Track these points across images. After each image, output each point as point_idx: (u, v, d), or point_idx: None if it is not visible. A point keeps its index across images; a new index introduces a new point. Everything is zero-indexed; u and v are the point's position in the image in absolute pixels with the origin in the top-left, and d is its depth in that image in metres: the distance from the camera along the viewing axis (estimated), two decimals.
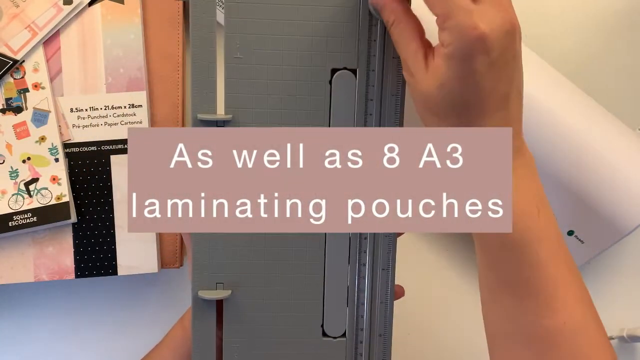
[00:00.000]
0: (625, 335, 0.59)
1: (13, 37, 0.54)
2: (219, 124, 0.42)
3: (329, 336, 0.45)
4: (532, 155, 0.40)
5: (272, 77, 0.42)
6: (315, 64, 0.42)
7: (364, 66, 0.42)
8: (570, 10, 0.62)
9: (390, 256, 0.44)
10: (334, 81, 0.42)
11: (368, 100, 0.42)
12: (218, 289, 0.43)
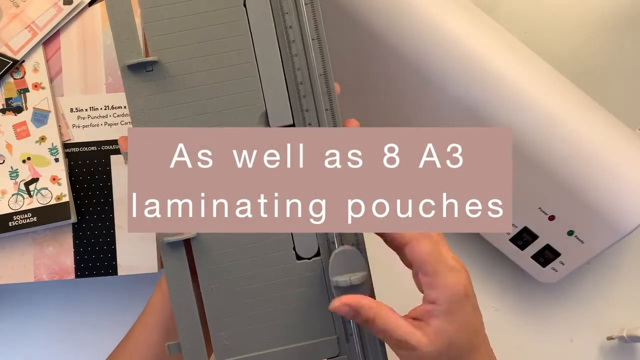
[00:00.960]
0: (625, 335, 0.59)
1: (13, 37, 0.54)
2: (147, 67, 0.43)
3: (303, 258, 0.44)
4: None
5: (187, 12, 0.43)
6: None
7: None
8: (571, 10, 0.62)
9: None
10: (248, 3, 0.43)
11: (284, 14, 0.43)
12: (184, 233, 0.43)
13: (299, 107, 0.43)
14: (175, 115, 0.43)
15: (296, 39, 0.43)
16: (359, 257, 0.43)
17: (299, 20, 0.43)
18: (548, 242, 0.55)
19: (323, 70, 0.43)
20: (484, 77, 0.51)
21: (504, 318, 0.62)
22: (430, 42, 0.51)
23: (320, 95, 0.43)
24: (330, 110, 0.43)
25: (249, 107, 0.43)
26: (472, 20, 0.53)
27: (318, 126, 0.43)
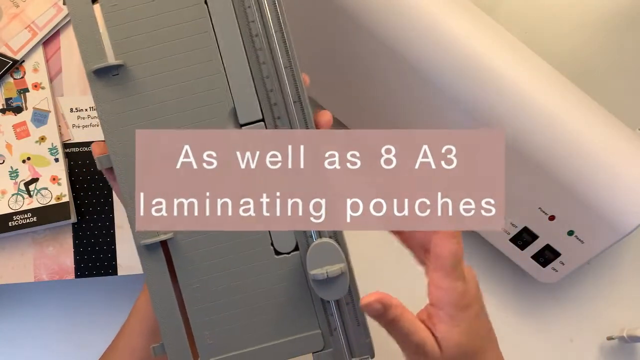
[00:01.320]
0: (625, 335, 0.59)
1: (13, 37, 0.54)
2: (113, 71, 0.42)
3: (282, 253, 0.44)
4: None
5: (150, 14, 0.42)
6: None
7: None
8: (571, 10, 0.62)
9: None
10: (209, 1, 0.42)
11: (246, 8, 0.42)
12: (160, 235, 0.43)
13: (267, 101, 0.43)
14: (145, 118, 0.43)
15: (259, 32, 0.42)
16: (336, 250, 0.43)
17: (261, 14, 0.42)
18: (548, 242, 0.55)
19: (289, 63, 0.42)
20: (484, 77, 0.51)
21: (504, 318, 0.62)
22: (429, 42, 0.51)
23: (288, 88, 0.42)
24: (299, 102, 0.43)
25: (217, 104, 0.43)
26: (472, 20, 0.53)
27: (287, 119, 0.43)
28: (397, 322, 0.40)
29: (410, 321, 0.41)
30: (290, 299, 0.45)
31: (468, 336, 0.41)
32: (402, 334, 0.41)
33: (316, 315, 0.45)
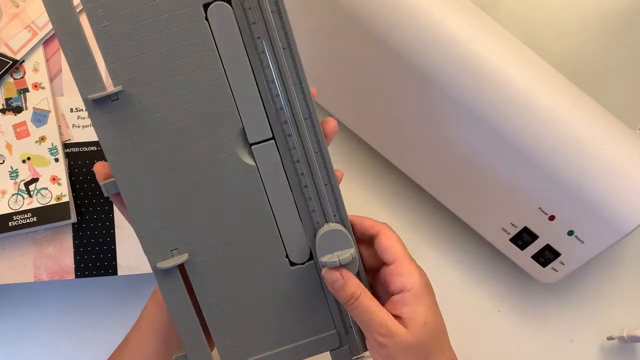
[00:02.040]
0: (625, 335, 0.59)
1: (13, 37, 0.54)
2: (112, 98, 0.40)
3: (297, 264, 0.45)
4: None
5: (147, 34, 0.39)
6: (184, 5, 0.39)
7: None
8: (571, 10, 0.62)
9: (328, 169, 0.43)
10: (210, 17, 0.39)
11: (250, 24, 0.40)
12: (175, 256, 0.43)
13: (277, 120, 0.42)
14: (150, 143, 0.41)
15: (266, 49, 0.40)
16: (345, 235, 0.43)
17: (267, 30, 0.40)
18: (548, 242, 0.55)
19: (297, 79, 0.41)
20: (483, 77, 0.51)
21: (503, 318, 0.62)
22: (429, 42, 0.51)
23: (298, 105, 0.41)
24: (310, 120, 0.42)
25: (225, 125, 0.41)
26: (472, 20, 0.53)
27: (298, 137, 0.42)
28: (358, 301, 0.42)
29: (371, 300, 0.42)
30: (306, 306, 0.45)
31: (433, 315, 0.42)
32: (362, 312, 0.42)
33: (332, 316, 0.46)
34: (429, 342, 0.42)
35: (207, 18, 0.39)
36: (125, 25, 0.39)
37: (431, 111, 0.54)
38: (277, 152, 0.42)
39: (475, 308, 0.62)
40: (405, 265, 0.43)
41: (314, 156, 0.42)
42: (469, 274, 0.63)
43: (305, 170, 0.43)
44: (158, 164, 0.41)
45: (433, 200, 0.60)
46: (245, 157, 0.42)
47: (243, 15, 0.40)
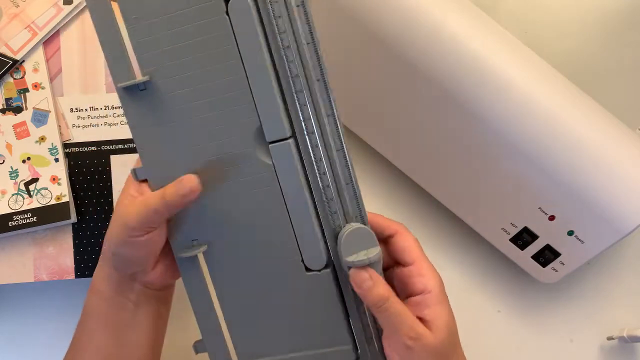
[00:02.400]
0: (625, 335, 0.59)
1: (13, 37, 0.54)
2: (141, 87, 0.42)
3: (313, 270, 0.44)
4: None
5: (172, 27, 0.40)
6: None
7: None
8: (571, 10, 0.62)
9: (350, 168, 0.42)
10: (230, 11, 0.39)
11: (276, 18, 0.39)
12: (194, 246, 0.44)
13: (298, 117, 0.41)
14: (174, 133, 0.42)
15: (290, 44, 0.40)
16: (370, 234, 0.42)
17: (291, 24, 0.39)
18: (548, 242, 0.55)
19: (321, 75, 0.40)
20: (483, 77, 0.51)
21: (503, 318, 0.62)
22: (428, 42, 0.51)
23: (320, 102, 0.40)
24: (332, 116, 0.41)
25: (244, 122, 0.41)
26: (472, 20, 0.53)
27: (320, 135, 0.41)
28: (387, 301, 0.41)
29: (399, 302, 0.41)
30: (321, 315, 0.45)
31: (453, 317, 0.43)
32: (392, 314, 0.41)
33: (348, 330, 0.45)
34: (450, 344, 0.42)
35: (227, 12, 0.40)
36: (153, 18, 0.40)
37: (429, 110, 0.54)
38: (297, 152, 0.42)
39: (475, 308, 0.62)
40: (424, 266, 0.43)
41: (336, 154, 0.41)
42: (469, 274, 0.63)
43: (327, 169, 0.42)
44: (180, 153, 0.42)
45: (433, 200, 0.60)
46: (263, 156, 0.42)
47: (266, 9, 0.39)
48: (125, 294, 0.45)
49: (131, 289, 0.45)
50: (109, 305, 0.46)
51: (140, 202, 0.42)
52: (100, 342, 0.47)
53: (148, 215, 0.42)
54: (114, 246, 0.43)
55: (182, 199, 0.41)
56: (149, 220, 0.42)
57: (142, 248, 0.43)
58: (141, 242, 0.42)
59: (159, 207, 0.42)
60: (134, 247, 0.43)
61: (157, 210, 0.42)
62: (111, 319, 0.46)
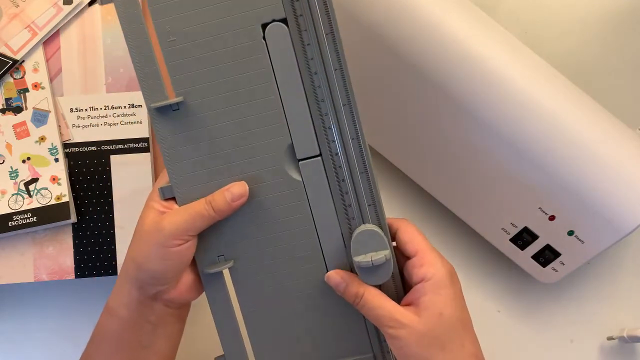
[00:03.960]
0: (625, 335, 0.59)
1: (13, 37, 0.54)
2: (174, 107, 0.43)
3: None
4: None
5: (209, 50, 0.42)
6: (244, 25, 0.42)
7: (291, 13, 0.42)
8: (571, 10, 0.62)
9: (373, 190, 0.44)
10: (267, 36, 0.42)
11: (305, 45, 0.42)
12: (220, 262, 0.45)
13: (325, 138, 0.43)
14: (205, 152, 0.43)
15: (318, 70, 0.42)
16: (380, 236, 0.43)
17: (320, 52, 0.42)
18: (548, 242, 0.55)
19: (347, 100, 0.42)
20: (483, 77, 0.51)
21: (503, 318, 0.62)
22: (428, 42, 0.51)
23: (346, 125, 0.43)
24: (357, 140, 0.43)
25: (275, 139, 0.43)
26: (472, 20, 0.53)
27: (345, 155, 0.43)
28: (363, 299, 0.43)
29: (377, 295, 0.43)
30: (344, 325, 0.46)
31: (453, 307, 0.42)
32: (370, 308, 0.42)
33: (369, 339, 0.46)
34: (444, 333, 0.41)
35: (264, 37, 0.42)
36: (190, 40, 0.42)
37: (429, 110, 0.54)
38: (324, 169, 0.44)
39: (475, 308, 0.62)
40: (427, 255, 0.43)
41: (360, 175, 0.44)
42: (469, 274, 0.63)
43: (350, 188, 0.44)
44: (210, 172, 0.44)
45: (433, 200, 0.60)
46: (292, 172, 0.44)
47: (298, 36, 0.42)
48: (146, 316, 0.45)
49: (152, 309, 0.45)
50: (126, 328, 0.45)
51: (180, 210, 0.43)
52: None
53: (193, 220, 0.42)
54: (143, 261, 0.43)
55: (232, 203, 0.43)
56: (191, 227, 0.43)
57: (173, 260, 0.43)
58: (174, 253, 0.42)
59: (204, 212, 0.42)
60: (165, 259, 0.43)
61: (202, 215, 0.43)
62: (127, 342, 0.46)
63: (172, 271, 0.43)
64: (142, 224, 0.44)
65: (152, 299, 0.45)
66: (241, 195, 0.43)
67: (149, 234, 0.43)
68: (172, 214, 0.43)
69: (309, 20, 0.41)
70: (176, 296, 0.45)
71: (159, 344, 0.46)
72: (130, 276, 0.44)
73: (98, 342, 0.47)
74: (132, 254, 0.44)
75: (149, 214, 0.44)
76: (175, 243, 0.42)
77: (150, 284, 0.44)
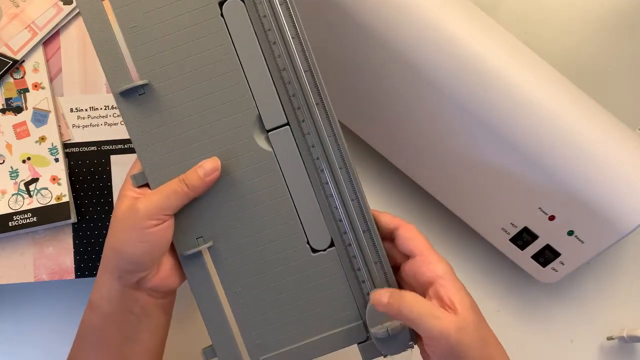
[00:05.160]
0: (625, 335, 0.59)
1: (13, 37, 0.54)
2: (140, 92, 0.43)
3: (319, 250, 0.46)
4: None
5: (169, 32, 0.43)
6: (202, 4, 0.43)
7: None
8: (571, 10, 0.62)
9: (343, 153, 0.44)
10: (225, 13, 0.43)
11: (262, 17, 0.43)
12: (200, 244, 0.45)
13: (291, 106, 0.44)
14: (174, 133, 0.44)
15: (277, 39, 0.43)
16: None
17: (277, 22, 0.43)
18: (548, 242, 0.55)
19: (308, 67, 0.43)
20: (483, 77, 0.51)
21: (503, 318, 0.62)
22: (428, 42, 0.51)
23: (310, 92, 0.43)
24: (322, 105, 0.44)
25: (242, 113, 0.44)
26: (472, 20, 0.53)
27: (312, 121, 0.44)
28: (403, 301, 0.42)
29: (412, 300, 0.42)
30: (330, 294, 0.46)
31: (471, 298, 0.43)
32: (409, 312, 0.41)
33: (357, 307, 0.46)
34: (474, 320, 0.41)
35: (222, 15, 0.43)
36: (150, 25, 0.43)
37: (429, 110, 0.54)
38: (293, 137, 0.44)
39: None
40: (431, 253, 0.43)
41: (328, 140, 0.44)
42: (469, 274, 0.63)
43: (320, 154, 0.44)
44: (181, 153, 0.44)
45: (432, 199, 0.60)
46: (263, 143, 0.45)
47: (254, 9, 0.43)
48: (129, 307, 0.44)
49: (135, 300, 0.44)
50: (109, 322, 0.45)
51: (154, 191, 0.43)
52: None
53: (168, 198, 0.42)
54: (121, 246, 0.43)
55: (205, 179, 0.43)
56: (166, 205, 0.42)
57: (151, 242, 0.42)
58: (151, 234, 0.42)
59: (179, 189, 0.42)
60: (142, 241, 0.42)
61: (176, 192, 0.42)
62: (111, 336, 0.45)
63: (150, 254, 0.43)
64: (116, 211, 0.44)
65: (134, 289, 0.44)
66: (214, 169, 0.43)
67: (124, 219, 0.43)
68: (147, 196, 0.43)
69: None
70: (158, 283, 0.44)
71: (144, 337, 0.46)
72: (110, 266, 0.44)
73: (82, 338, 0.47)
74: (109, 242, 0.44)
75: (123, 202, 0.44)
76: (152, 224, 0.42)
77: (129, 270, 0.43)
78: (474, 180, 0.55)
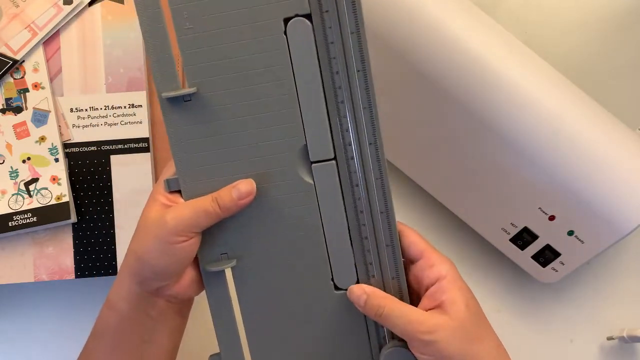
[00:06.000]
0: (625, 335, 0.59)
1: (13, 37, 0.54)
2: (186, 98, 0.41)
3: (341, 289, 0.44)
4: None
5: (227, 41, 0.40)
6: (266, 18, 0.40)
7: (317, 8, 0.40)
8: (571, 10, 0.62)
9: (387, 197, 0.43)
10: (289, 31, 0.40)
11: (329, 43, 0.40)
12: (223, 260, 0.44)
13: (341, 141, 0.42)
14: (214, 146, 0.42)
15: (340, 70, 0.40)
16: (407, 354, 0.42)
17: (344, 51, 0.40)
18: (548, 242, 0.55)
19: (368, 104, 0.41)
20: (483, 77, 0.51)
21: (504, 318, 0.62)
22: (429, 42, 0.51)
23: (364, 130, 0.41)
24: (374, 145, 0.41)
25: (288, 139, 0.42)
26: (472, 20, 0.53)
27: (361, 160, 0.42)
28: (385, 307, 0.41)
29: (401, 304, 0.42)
30: (346, 335, 0.45)
31: (472, 299, 0.42)
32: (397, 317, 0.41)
33: (371, 351, 0.45)
34: (475, 324, 0.41)
35: (285, 32, 0.40)
36: (208, 30, 0.40)
37: (427, 109, 0.54)
38: (337, 173, 0.42)
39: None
40: (434, 255, 0.43)
41: (374, 182, 0.42)
42: (469, 273, 0.62)
43: (363, 195, 0.42)
44: (218, 168, 0.42)
45: (432, 199, 0.60)
46: (304, 175, 0.43)
47: (322, 33, 0.40)
48: (147, 311, 0.44)
49: (153, 304, 0.44)
50: (126, 322, 0.44)
51: (185, 205, 0.42)
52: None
53: (198, 217, 0.41)
54: (145, 255, 0.42)
55: (238, 201, 0.41)
56: (196, 224, 0.41)
57: (176, 257, 0.42)
58: (176, 250, 0.41)
59: (210, 209, 0.41)
60: (167, 255, 0.42)
61: (207, 212, 0.41)
62: (127, 336, 0.45)
63: (174, 267, 0.42)
64: (145, 217, 0.43)
65: (153, 295, 0.44)
66: (248, 193, 0.42)
67: (151, 228, 0.42)
68: (177, 209, 0.42)
69: (335, 17, 0.39)
70: (178, 292, 0.44)
71: (160, 339, 0.45)
72: (131, 270, 0.44)
73: (98, 336, 0.46)
74: (134, 246, 0.43)
75: (153, 207, 0.43)
76: (179, 240, 0.41)
77: (151, 279, 0.43)
78: (473, 180, 0.55)
